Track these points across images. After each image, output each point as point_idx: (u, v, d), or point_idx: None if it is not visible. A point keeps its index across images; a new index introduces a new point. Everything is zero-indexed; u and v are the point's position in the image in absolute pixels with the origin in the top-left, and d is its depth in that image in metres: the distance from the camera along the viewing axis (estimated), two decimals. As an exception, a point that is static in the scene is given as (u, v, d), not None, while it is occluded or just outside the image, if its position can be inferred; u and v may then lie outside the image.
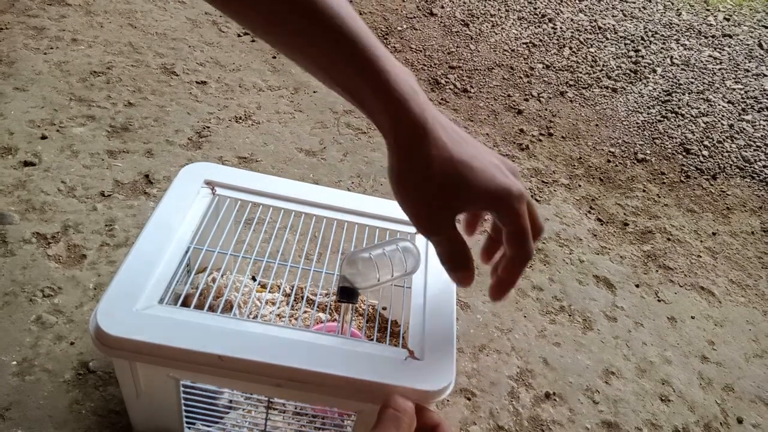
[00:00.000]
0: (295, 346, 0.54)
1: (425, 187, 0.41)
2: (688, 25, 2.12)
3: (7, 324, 0.83)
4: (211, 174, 0.74)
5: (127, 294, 0.56)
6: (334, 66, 0.40)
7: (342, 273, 0.58)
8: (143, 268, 0.59)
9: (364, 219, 0.73)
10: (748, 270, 1.26)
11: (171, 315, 0.55)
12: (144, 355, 0.53)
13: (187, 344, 0.52)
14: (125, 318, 0.54)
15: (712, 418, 0.94)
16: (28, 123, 1.17)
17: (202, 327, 0.55)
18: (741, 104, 1.76)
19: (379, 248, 0.58)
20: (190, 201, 0.69)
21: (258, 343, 0.54)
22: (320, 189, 0.75)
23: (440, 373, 0.54)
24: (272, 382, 0.53)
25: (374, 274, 0.57)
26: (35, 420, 0.73)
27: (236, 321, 0.57)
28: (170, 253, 0.62)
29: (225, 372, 0.53)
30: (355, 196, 0.76)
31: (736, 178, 1.52)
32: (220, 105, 1.36)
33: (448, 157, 0.40)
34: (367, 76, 0.39)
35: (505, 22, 2.00)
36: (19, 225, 0.97)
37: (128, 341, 0.52)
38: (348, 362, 0.53)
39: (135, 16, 1.61)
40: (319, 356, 0.54)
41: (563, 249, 1.20)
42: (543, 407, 0.89)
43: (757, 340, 1.10)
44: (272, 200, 0.73)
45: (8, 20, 1.45)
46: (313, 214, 0.72)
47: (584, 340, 1.02)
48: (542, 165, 1.43)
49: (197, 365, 0.53)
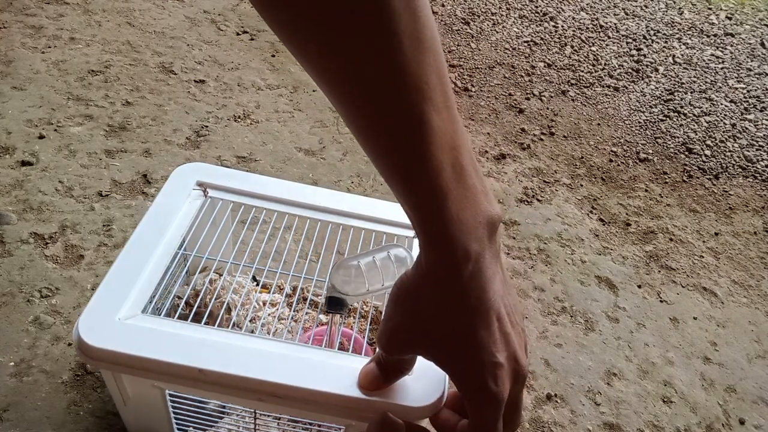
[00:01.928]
0: (278, 359, 0.53)
1: (414, 317, 0.36)
2: (690, 24, 2.11)
3: (5, 325, 0.82)
4: (204, 175, 0.72)
5: (110, 303, 0.55)
6: (388, 177, 0.33)
7: (330, 281, 0.56)
8: (128, 276, 0.58)
9: (361, 222, 0.71)
10: (750, 270, 1.25)
11: (153, 326, 0.54)
12: (125, 366, 0.52)
13: (167, 357, 0.51)
14: (107, 328, 0.53)
15: (714, 420, 0.93)
16: (25, 122, 1.17)
17: (184, 339, 0.53)
18: (743, 103, 1.75)
19: (370, 256, 0.56)
20: (181, 204, 0.68)
21: (240, 356, 0.52)
22: (315, 190, 0.74)
23: (430, 387, 0.51)
24: (253, 396, 0.52)
25: (364, 282, 0.55)
26: (33, 421, 0.73)
27: (219, 332, 0.55)
28: (156, 260, 0.61)
29: (205, 385, 0.52)
30: (352, 198, 0.74)
31: (739, 177, 1.51)
32: (219, 104, 1.35)
33: (455, 318, 0.34)
34: (421, 217, 0.32)
35: (506, 21, 2.00)
36: (17, 225, 0.96)
37: (109, 352, 0.51)
38: (333, 377, 0.51)
39: (133, 14, 1.60)
40: (303, 371, 0.52)
41: (565, 249, 1.19)
42: (544, 409, 0.88)
43: (760, 341, 1.09)
44: (266, 202, 0.71)
45: (6, 19, 1.45)
46: (307, 216, 0.71)
47: (586, 341, 1.01)
48: (544, 164, 1.43)
49: (177, 378, 0.52)
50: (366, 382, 0.48)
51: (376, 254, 0.56)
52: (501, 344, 0.35)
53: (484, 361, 0.35)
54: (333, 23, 0.28)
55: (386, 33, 0.28)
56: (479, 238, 0.33)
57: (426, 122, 0.30)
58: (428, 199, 0.31)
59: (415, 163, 0.31)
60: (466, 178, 0.32)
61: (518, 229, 1.22)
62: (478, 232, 0.33)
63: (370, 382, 0.47)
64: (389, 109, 0.30)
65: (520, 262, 1.14)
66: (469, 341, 0.35)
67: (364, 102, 0.30)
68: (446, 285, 0.34)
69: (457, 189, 0.32)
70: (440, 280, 0.34)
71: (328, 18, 0.28)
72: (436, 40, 0.30)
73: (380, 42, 0.28)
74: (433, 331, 0.36)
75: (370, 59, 0.29)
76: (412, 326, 0.37)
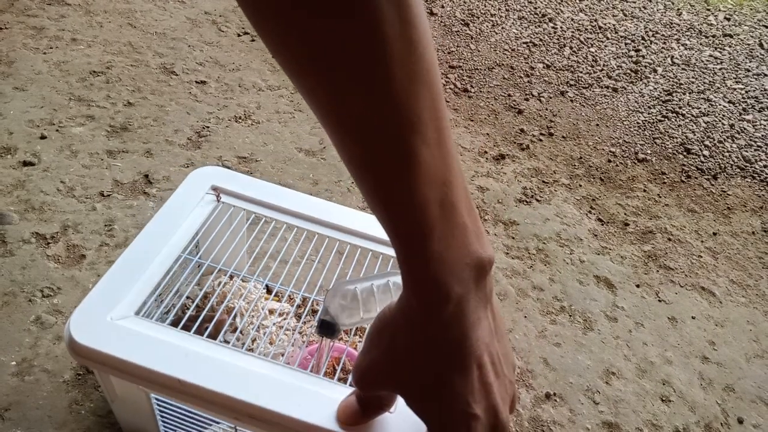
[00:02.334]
0: (260, 380, 0.51)
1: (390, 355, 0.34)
2: (689, 25, 2.11)
3: (7, 324, 0.83)
4: (220, 180, 0.71)
5: (104, 302, 0.55)
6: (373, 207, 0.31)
7: (325, 304, 0.54)
8: (126, 276, 0.58)
9: (371, 244, 0.68)
10: (748, 270, 1.25)
11: (142, 329, 0.54)
12: (109, 367, 0.52)
13: (149, 363, 0.51)
14: (97, 328, 0.53)
15: (713, 419, 0.94)
16: (27, 123, 1.17)
17: (170, 346, 0.53)
18: (742, 104, 1.76)
19: (368, 282, 0.53)
20: (192, 207, 0.67)
21: (222, 371, 0.51)
22: (330, 205, 0.71)
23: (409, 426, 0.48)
24: (230, 414, 0.51)
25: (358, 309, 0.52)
26: (35, 420, 0.73)
27: (207, 344, 0.54)
28: (159, 262, 0.61)
29: (184, 396, 0.51)
30: (364, 217, 0.71)
31: (737, 178, 1.52)
32: (220, 105, 1.36)
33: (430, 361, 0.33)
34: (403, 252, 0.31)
35: (506, 22, 2.00)
36: (19, 225, 0.97)
37: (96, 352, 0.52)
38: (312, 406, 0.49)
39: (134, 15, 1.61)
40: (283, 395, 0.50)
41: (564, 249, 1.20)
42: (543, 408, 0.89)
43: (758, 341, 1.10)
44: (279, 214, 0.69)
45: (8, 20, 1.45)
46: (315, 231, 0.69)
47: (585, 340, 1.01)
48: (543, 165, 1.43)
49: (158, 385, 0.52)
50: (344, 416, 0.45)
51: (376, 281, 0.53)
52: (479, 394, 0.32)
53: (458, 410, 0.32)
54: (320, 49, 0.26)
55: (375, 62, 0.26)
56: (463, 280, 0.31)
57: (414, 156, 0.28)
58: (410, 235, 0.30)
59: (399, 196, 0.29)
60: (455, 216, 0.30)
61: (517, 229, 1.23)
62: (463, 273, 0.31)
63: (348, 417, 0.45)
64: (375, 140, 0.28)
65: (519, 262, 1.15)
66: (444, 387, 0.32)
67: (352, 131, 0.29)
68: (423, 325, 0.32)
69: (443, 227, 0.30)
70: (417, 319, 0.32)
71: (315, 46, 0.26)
72: (432, 74, 0.28)
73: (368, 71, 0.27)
74: (408, 371, 0.34)
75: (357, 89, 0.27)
76: (386, 364, 0.35)
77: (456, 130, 1.49)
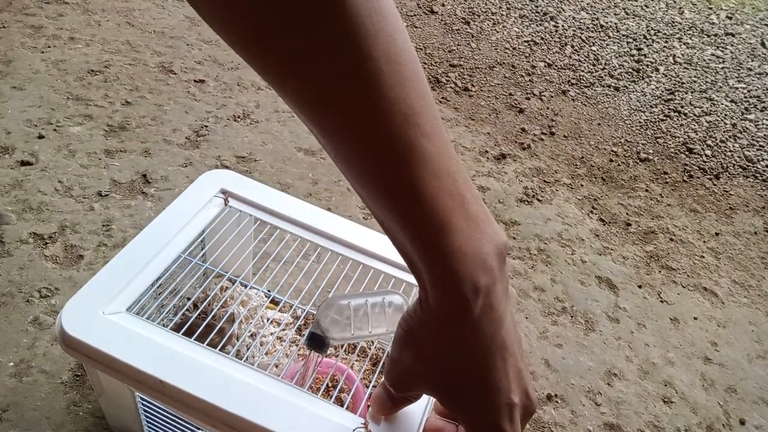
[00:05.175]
0: (242, 388, 0.50)
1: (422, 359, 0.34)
2: (691, 24, 2.11)
3: (4, 325, 0.82)
4: (230, 184, 0.70)
5: (98, 296, 0.55)
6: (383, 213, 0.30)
7: (317, 317, 0.52)
8: (123, 272, 0.58)
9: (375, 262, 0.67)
10: (751, 270, 1.25)
11: (131, 326, 0.53)
12: (96, 361, 0.52)
13: (134, 361, 0.50)
14: (88, 321, 0.53)
15: (715, 420, 0.93)
16: (25, 122, 1.16)
17: (157, 346, 0.52)
18: (744, 103, 1.75)
19: (363, 298, 0.52)
20: (198, 209, 0.67)
21: (204, 376, 0.51)
22: (340, 221, 0.70)
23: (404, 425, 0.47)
24: (209, 421, 0.50)
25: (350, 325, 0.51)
26: (32, 421, 0.73)
27: (193, 346, 0.53)
28: (158, 261, 0.60)
29: (165, 398, 0.51)
30: (373, 235, 0.70)
31: (739, 177, 1.51)
32: (219, 104, 1.35)
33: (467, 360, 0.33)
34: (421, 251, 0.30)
35: (507, 20, 1.99)
36: (16, 225, 0.96)
37: (84, 345, 0.51)
38: (290, 420, 0.49)
39: (133, 14, 1.60)
40: (263, 407, 0.49)
41: (565, 249, 1.19)
42: (545, 409, 0.88)
43: (760, 341, 1.09)
44: (286, 223, 0.68)
45: (5, 18, 1.44)
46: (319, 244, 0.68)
47: (586, 341, 1.01)
48: (544, 164, 1.42)
49: (140, 384, 0.51)
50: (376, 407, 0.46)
51: (371, 298, 0.52)
52: (515, 383, 0.33)
53: (500, 403, 0.33)
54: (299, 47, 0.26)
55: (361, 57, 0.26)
56: (487, 270, 0.30)
57: (416, 149, 0.28)
58: (428, 232, 0.29)
59: (409, 193, 0.28)
60: (466, 205, 0.30)
61: (518, 229, 1.22)
62: (487, 263, 0.30)
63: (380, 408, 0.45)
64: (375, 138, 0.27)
65: (521, 262, 1.14)
66: (484, 383, 0.33)
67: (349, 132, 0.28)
68: (455, 324, 0.31)
69: (458, 217, 0.29)
70: (448, 318, 0.31)
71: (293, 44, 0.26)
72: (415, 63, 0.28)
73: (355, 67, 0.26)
74: (443, 372, 0.34)
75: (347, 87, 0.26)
76: (420, 368, 0.35)
77: (457, 129, 1.49)
